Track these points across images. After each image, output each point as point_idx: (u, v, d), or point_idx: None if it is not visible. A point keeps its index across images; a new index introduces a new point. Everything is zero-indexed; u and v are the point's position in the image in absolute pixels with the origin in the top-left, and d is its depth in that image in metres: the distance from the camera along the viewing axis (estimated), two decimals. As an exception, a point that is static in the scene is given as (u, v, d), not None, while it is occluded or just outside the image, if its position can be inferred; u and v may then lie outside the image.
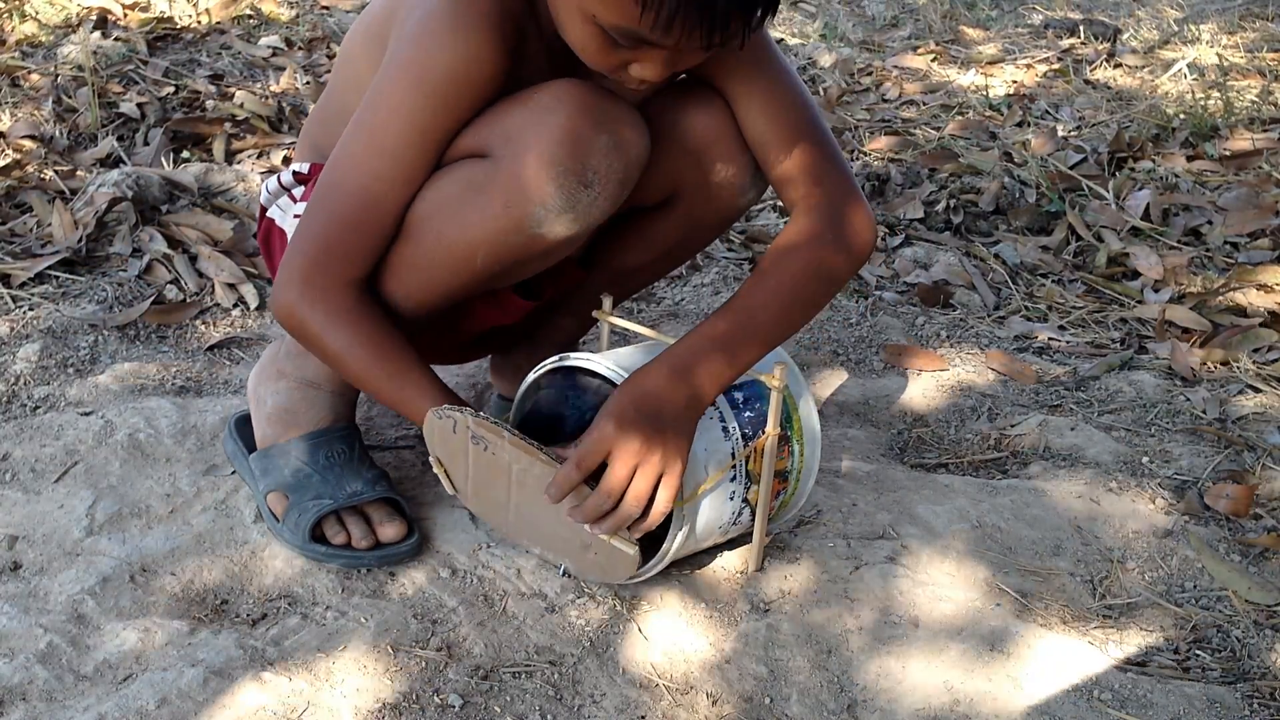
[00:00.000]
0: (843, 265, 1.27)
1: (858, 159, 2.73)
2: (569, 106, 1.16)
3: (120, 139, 2.46)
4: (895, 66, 3.50)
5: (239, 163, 2.46)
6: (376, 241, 1.23)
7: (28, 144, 2.37)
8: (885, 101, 3.22)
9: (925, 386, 1.83)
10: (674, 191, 1.38)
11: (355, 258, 1.23)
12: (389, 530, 1.32)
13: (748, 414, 1.27)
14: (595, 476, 1.17)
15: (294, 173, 1.39)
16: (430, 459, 1.27)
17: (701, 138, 1.32)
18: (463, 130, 1.22)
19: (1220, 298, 2.10)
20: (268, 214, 1.42)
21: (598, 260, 1.48)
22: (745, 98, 1.29)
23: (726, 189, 1.35)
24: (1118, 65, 3.55)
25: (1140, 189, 2.53)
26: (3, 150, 2.33)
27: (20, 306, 1.86)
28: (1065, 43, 3.77)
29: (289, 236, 1.34)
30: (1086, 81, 3.39)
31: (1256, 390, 1.82)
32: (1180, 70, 3.37)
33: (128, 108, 2.56)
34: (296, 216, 1.36)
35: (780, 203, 2.48)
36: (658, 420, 1.16)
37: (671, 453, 1.16)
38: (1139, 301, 2.14)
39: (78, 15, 3.03)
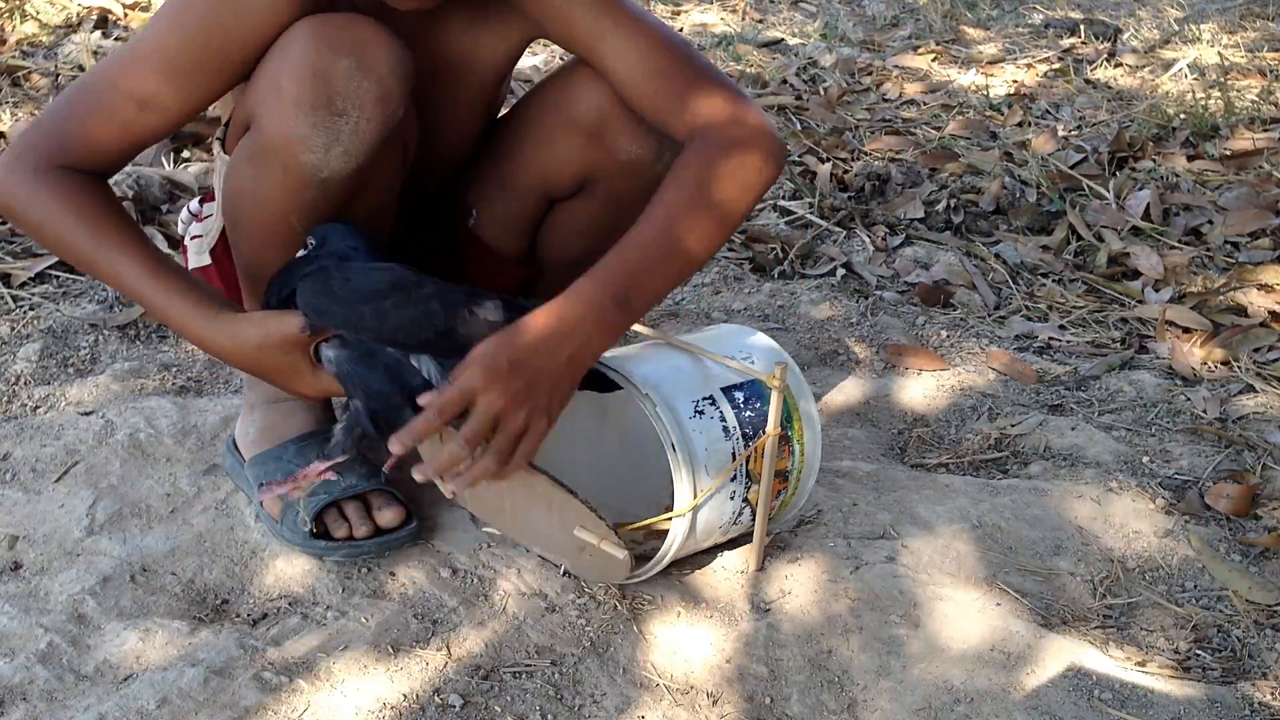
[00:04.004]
0: (750, 168, 1.21)
1: (858, 159, 2.73)
2: (302, 42, 1.14)
3: (120, 139, 2.46)
4: (895, 66, 3.49)
5: (239, 162, 2.46)
6: (93, 137, 1.20)
7: (28, 144, 2.37)
8: (886, 101, 3.22)
9: (925, 386, 1.83)
10: (586, 176, 1.37)
11: (68, 145, 1.20)
12: (387, 515, 1.32)
13: (748, 414, 1.27)
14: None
15: (200, 199, 1.39)
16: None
17: (593, 120, 1.31)
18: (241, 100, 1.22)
19: (1221, 297, 2.10)
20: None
21: (542, 256, 1.47)
22: (605, 58, 1.26)
23: (637, 162, 1.33)
24: (1118, 65, 3.55)
25: (1141, 189, 2.53)
26: (3, 150, 2.33)
27: (20, 306, 1.86)
28: (1066, 42, 3.77)
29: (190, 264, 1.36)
30: (1087, 81, 3.39)
31: (1256, 390, 1.82)
32: (1181, 70, 3.37)
33: (128, 107, 2.56)
34: (195, 237, 1.37)
35: (780, 202, 2.49)
36: (532, 377, 1.11)
37: (539, 412, 1.12)
38: (1139, 301, 2.14)
39: (78, 15, 3.03)
